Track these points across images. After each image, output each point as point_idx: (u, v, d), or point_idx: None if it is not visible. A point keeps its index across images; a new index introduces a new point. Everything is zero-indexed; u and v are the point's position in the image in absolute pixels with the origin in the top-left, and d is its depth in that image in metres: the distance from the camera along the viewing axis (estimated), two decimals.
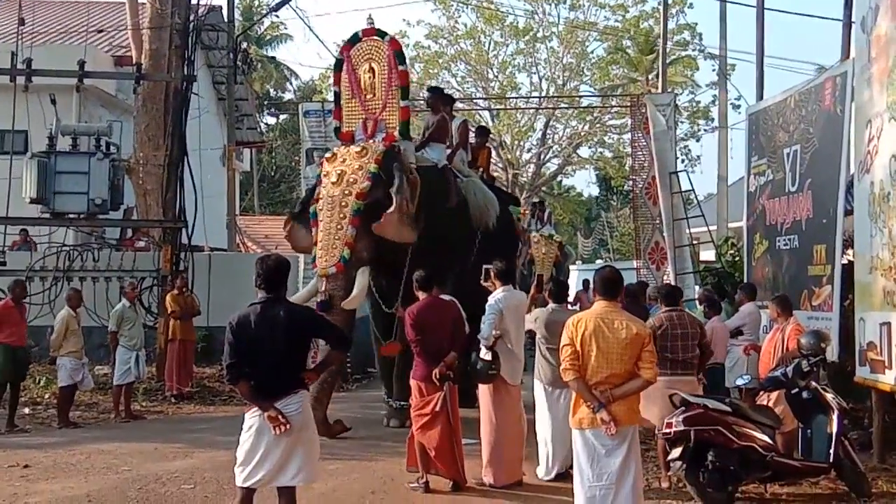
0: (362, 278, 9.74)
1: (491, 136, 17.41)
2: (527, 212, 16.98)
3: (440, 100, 12.08)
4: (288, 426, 5.43)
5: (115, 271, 14.23)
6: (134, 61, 16.13)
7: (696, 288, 12.78)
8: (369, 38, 10.67)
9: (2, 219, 14.76)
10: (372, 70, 10.59)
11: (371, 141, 10.33)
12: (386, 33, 10.71)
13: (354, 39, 10.77)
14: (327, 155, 10.47)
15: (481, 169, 13.24)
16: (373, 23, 10.92)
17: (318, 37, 42.79)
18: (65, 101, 16.30)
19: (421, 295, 8.04)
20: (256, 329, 5.51)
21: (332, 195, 9.84)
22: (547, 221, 20.47)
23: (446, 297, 8.15)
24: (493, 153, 33.88)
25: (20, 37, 15.18)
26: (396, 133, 10.37)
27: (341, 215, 9.71)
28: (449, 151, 11.58)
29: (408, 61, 10.59)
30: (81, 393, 12.10)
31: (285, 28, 40.24)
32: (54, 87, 15.68)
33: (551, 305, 8.36)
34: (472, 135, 13.30)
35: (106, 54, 19.58)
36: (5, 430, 10.61)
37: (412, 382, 7.92)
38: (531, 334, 8.36)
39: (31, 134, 16.05)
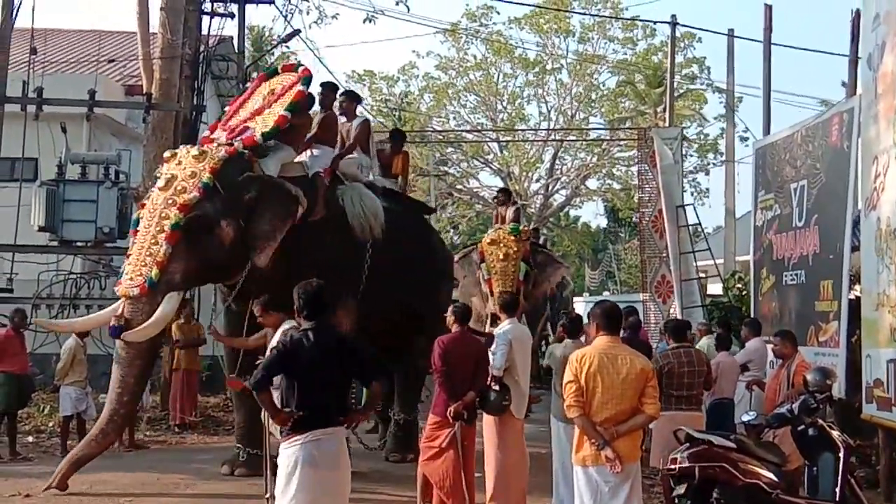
0: (167, 305, 8.24)
1: (406, 141, 15.13)
2: (528, 230, 16.05)
3: (330, 96, 10.62)
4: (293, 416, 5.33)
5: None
6: (144, 91, 16.20)
7: (699, 322, 12.71)
8: (287, 72, 9.96)
9: (10, 246, 14.82)
10: (272, 91, 9.66)
11: (215, 144, 8.97)
12: (302, 65, 10.01)
13: (272, 73, 10.17)
14: (166, 154, 9.11)
15: (400, 178, 11.75)
16: (297, 60, 10.27)
17: (327, 68, 43.11)
18: (75, 129, 16.36)
19: (454, 327, 7.93)
20: (309, 356, 5.36)
21: (155, 203, 8.47)
22: None
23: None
24: (501, 184, 34.10)
25: (32, 66, 15.31)
26: (258, 135, 8.99)
27: (158, 228, 8.29)
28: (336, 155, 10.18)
29: (309, 79, 9.55)
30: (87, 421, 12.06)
31: (296, 58, 40.43)
32: (65, 116, 15.75)
33: (567, 341, 8.30)
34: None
35: (116, 84, 19.68)
36: (8, 458, 10.58)
37: (430, 416, 7.83)
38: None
39: (41, 162, 16.11)
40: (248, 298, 8.77)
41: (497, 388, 7.80)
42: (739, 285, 15.66)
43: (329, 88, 10.70)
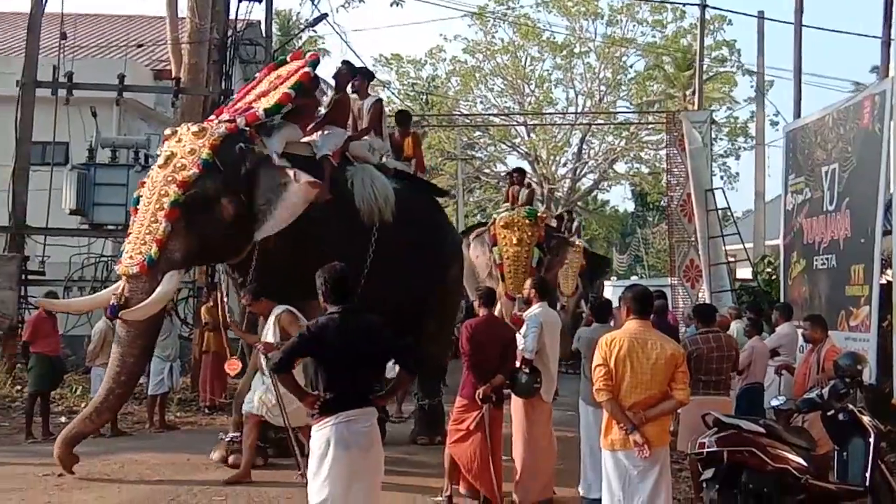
0: (167, 284, 8.19)
1: (418, 124, 13.69)
2: (547, 215, 15.17)
3: (346, 77, 10.35)
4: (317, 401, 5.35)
5: None
6: (173, 75, 16.32)
7: (728, 306, 12.62)
8: (295, 60, 9.80)
9: (42, 229, 15.01)
10: (279, 76, 9.51)
11: (216, 121, 8.84)
12: (311, 52, 9.72)
13: (281, 63, 9.98)
14: (167, 132, 8.92)
15: (414, 161, 11.44)
16: (324, 44, 10.20)
17: (354, 52, 43.22)
18: (105, 113, 16.52)
19: (481, 311, 7.95)
20: (335, 340, 5.34)
21: (154, 180, 8.35)
22: (575, 233, 19.51)
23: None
24: (529, 168, 34.00)
25: (62, 51, 15.47)
26: (261, 111, 8.82)
27: (158, 206, 8.17)
28: (347, 136, 9.95)
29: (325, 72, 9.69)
30: None
31: (323, 43, 40.40)
32: (95, 100, 15.90)
33: (595, 325, 8.29)
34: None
35: (146, 68, 19.81)
36: (41, 438, 10.73)
37: (458, 399, 7.85)
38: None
39: (72, 146, 16.28)
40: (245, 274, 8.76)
41: (528, 370, 7.82)
42: (769, 269, 15.57)
43: (347, 69, 10.50)
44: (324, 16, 18.91)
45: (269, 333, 8.42)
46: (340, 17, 41.73)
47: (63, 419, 11.86)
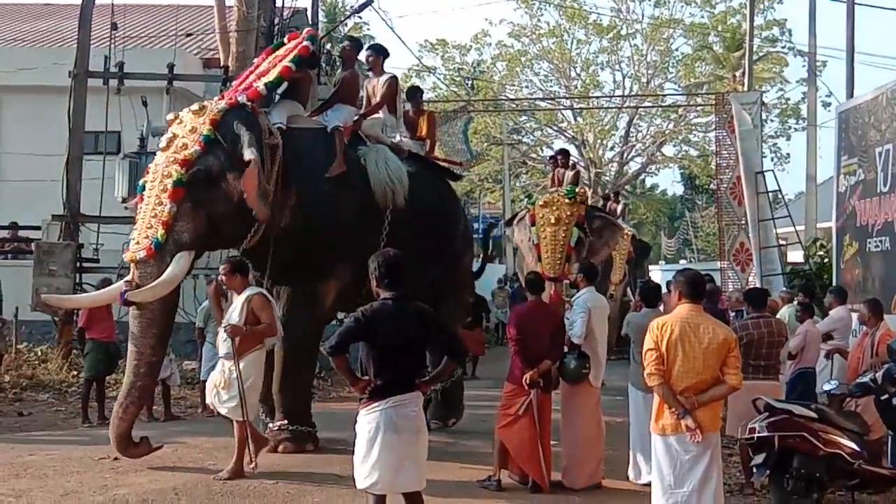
0: (176, 266, 7.82)
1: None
2: (585, 190, 14.17)
3: (353, 54, 10.13)
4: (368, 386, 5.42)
5: (203, 269, 14.50)
6: (221, 63, 16.47)
7: (780, 290, 12.47)
8: (292, 41, 9.44)
9: (95, 217, 15.25)
10: (277, 56, 9.21)
11: (215, 99, 8.65)
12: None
13: (277, 46, 9.66)
14: (169, 117, 8.60)
15: (428, 142, 10.92)
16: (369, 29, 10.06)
17: (399, 37, 43.14)
18: (155, 102, 16.70)
19: (529, 296, 7.98)
20: (388, 326, 5.43)
21: (157, 164, 8.09)
22: (620, 216, 19.15)
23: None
24: (575, 152, 33.80)
25: (113, 41, 15.66)
26: (261, 86, 8.61)
27: (161, 188, 7.89)
28: (357, 114, 9.70)
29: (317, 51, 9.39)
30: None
31: (368, 28, 40.46)
32: (145, 90, 16.09)
33: (644, 310, 8.26)
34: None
35: (195, 57, 19.99)
36: (97, 422, 10.94)
37: (506, 384, 7.88)
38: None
39: (124, 135, 16.50)
40: (263, 260, 8.56)
41: (576, 355, 7.82)
42: (821, 253, 15.37)
43: (351, 45, 10.28)
44: (369, 2, 18.95)
45: (235, 314, 7.91)
46: (385, 2, 41.59)
47: None
